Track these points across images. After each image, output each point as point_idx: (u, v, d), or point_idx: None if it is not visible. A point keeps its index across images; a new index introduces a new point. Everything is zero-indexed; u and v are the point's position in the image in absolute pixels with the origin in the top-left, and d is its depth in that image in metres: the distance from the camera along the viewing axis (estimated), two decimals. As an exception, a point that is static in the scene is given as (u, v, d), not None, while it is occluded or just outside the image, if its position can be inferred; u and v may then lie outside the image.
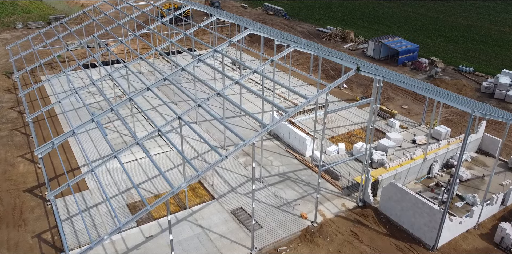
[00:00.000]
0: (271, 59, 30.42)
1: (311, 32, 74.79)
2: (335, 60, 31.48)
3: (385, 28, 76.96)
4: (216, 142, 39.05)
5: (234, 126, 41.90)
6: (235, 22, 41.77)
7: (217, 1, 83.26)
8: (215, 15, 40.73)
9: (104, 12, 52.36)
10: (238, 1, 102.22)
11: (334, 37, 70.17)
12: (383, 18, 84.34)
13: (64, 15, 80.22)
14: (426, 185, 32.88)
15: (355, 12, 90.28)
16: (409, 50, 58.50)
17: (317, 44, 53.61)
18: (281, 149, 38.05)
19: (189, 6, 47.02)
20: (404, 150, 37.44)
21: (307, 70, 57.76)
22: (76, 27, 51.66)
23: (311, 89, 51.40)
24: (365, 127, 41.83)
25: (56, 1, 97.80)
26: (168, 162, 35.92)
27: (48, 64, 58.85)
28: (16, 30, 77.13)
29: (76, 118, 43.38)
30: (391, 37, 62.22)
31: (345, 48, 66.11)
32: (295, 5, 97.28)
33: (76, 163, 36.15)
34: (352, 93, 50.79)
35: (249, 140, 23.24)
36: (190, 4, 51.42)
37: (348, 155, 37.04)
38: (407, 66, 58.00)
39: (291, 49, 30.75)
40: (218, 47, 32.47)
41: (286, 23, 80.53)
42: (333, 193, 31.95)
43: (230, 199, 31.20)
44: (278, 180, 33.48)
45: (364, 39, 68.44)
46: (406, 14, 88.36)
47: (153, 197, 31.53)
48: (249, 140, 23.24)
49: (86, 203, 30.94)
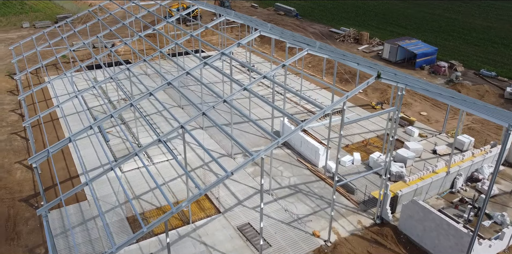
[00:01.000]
0: (283, 64, 28.15)
1: (324, 33, 72.32)
2: (351, 65, 29.15)
3: (400, 30, 74.15)
4: (224, 149, 36.91)
5: (243, 132, 39.71)
6: (244, 22, 39.61)
7: (227, 1, 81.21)
8: (223, 16, 38.61)
9: (110, 12, 50.55)
10: (248, 1, 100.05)
11: (347, 38, 67.62)
12: (398, 19, 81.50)
13: (71, 14, 78.81)
14: (449, 200, 30.35)
15: (369, 12, 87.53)
16: (427, 53, 55.77)
17: (331, 47, 51.22)
18: (292, 158, 35.78)
19: (197, 5, 44.94)
20: (424, 161, 34.90)
21: (320, 73, 55.39)
22: (80, 27, 49.94)
23: (324, 93, 48.99)
24: (382, 135, 39.35)
25: (64, 1, 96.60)
26: (171, 171, 33.88)
27: (53, 65, 57.33)
28: (23, 29, 75.88)
29: (78, 122, 41.58)
30: (408, 39, 59.50)
31: (359, 50, 63.52)
32: (307, 5, 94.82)
33: (75, 170, 34.27)
34: (367, 98, 48.29)
35: (258, 154, 21.04)
36: (198, 3, 49.38)
37: (364, 165, 34.63)
38: (425, 70, 55.28)
39: (305, 53, 28.48)
40: (226, 50, 30.31)
41: (298, 23, 78.15)
42: (348, 208, 29.58)
43: (237, 213, 29.01)
44: (288, 193, 31.20)
45: (379, 41, 65.78)
46: (422, 15, 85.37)
47: (155, 209, 29.49)
48: (257, 154, 21.03)
49: (84, 215, 29.00)
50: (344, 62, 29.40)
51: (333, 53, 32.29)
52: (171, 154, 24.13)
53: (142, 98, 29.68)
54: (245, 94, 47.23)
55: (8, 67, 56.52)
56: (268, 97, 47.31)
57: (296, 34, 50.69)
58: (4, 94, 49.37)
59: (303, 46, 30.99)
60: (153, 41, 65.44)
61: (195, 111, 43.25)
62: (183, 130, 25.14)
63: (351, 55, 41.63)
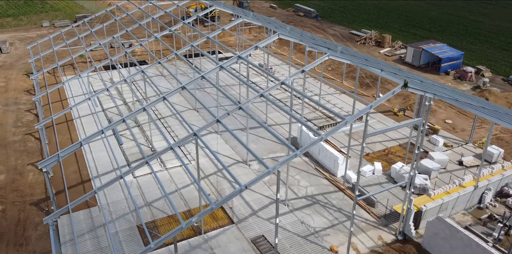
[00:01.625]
0: (302, 70, 26.81)
1: (344, 35, 70.55)
2: (375, 71, 27.63)
3: (424, 33, 71.81)
4: (238, 155, 35.75)
5: (258, 138, 38.49)
6: (262, 24, 38.37)
7: (246, 1, 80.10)
8: (241, 17, 37.46)
9: (127, 12, 50.00)
10: (267, 2, 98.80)
11: (369, 41, 65.72)
12: (421, 22, 79.05)
13: (90, 14, 78.89)
14: (477, 217, 28.53)
15: (391, 14, 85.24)
16: (453, 58, 53.56)
17: (352, 50, 49.61)
18: (309, 166, 34.39)
19: (215, 6, 43.91)
20: (450, 172, 33.07)
21: (339, 77, 53.76)
22: (98, 27, 49.50)
23: (344, 98, 47.34)
24: (404, 144, 37.62)
25: (84, 0, 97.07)
26: (185, 177, 32.88)
27: (70, 64, 57.14)
28: (43, 28, 76.28)
29: (92, 124, 41.01)
30: (433, 42, 57.34)
31: (381, 53, 61.60)
32: (327, 6, 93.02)
33: (88, 174, 33.59)
34: (389, 103, 46.50)
35: (274, 168, 19.79)
36: (216, 4, 48.38)
37: (385, 176, 33.01)
38: (450, 75, 53.09)
39: (325, 58, 27.08)
40: (243, 53, 29.13)
41: (318, 25, 76.53)
42: (368, 222, 28.06)
43: (251, 224, 27.81)
44: (305, 204, 29.84)
45: (402, 44, 63.71)
46: (447, 18, 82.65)
47: (166, 217, 28.52)
48: (273, 168, 19.79)
49: (94, 221, 28.23)
50: (367, 68, 27.91)
51: (355, 58, 30.81)
52: (181, 162, 23.09)
53: (156, 103, 28.77)
54: (262, 98, 46.02)
55: (26, 66, 56.58)
56: (286, 101, 46.01)
57: (316, 37, 49.23)
58: (21, 94, 49.30)
59: (324, 50, 29.62)
60: (170, 41, 64.84)
61: (210, 116, 42.28)
62: (196, 138, 24.03)
63: (373, 59, 40.01)
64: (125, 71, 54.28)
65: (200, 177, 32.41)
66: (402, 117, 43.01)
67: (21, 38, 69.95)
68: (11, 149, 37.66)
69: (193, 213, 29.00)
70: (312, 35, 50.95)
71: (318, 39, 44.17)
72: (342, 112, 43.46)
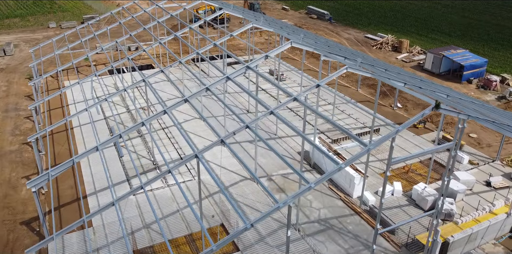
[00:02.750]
0: (317, 84, 24.20)
1: (359, 40, 67.64)
2: (397, 85, 24.92)
3: (444, 37, 68.56)
4: (246, 171, 33.25)
5: (268, 151, 35.92)
6: (274, 30, 35.79)
7: (257, 3, 77.58)
8: (251, 22, 34.96)
9: (132, 15, 47.83)
10: (279, 3, 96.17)
11: (385, 46, 62.75)
12: (441, 26, 75.71)
13: (98, 15, 77.09)
14: (510, 248, 25.62)
15: (408, 17, 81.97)
16: (476, 65, 50.40)
17: (369, 57, 46.86)
18: (322, 185, 31.73)
19: (224, 10, 41.46)
20: (477, 195, 30.15)
21: (354, 84, 50.93)
22: (101, 30, 47.39)
23: (361, 108, 44.47)
24: (426, 161, 34.76)
25: (92, 0, 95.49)
26: (187, 195, 30.46)
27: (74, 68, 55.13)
28: (49, 29, 74.70)
29: (92, 133, 38.77)
30: (454, 48, 54.20)
31: (398, 59, 58.61)
32: (341, 8, 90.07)
33: (85, 189, 31.39)
34: (408, 114, 43.60)
35: (285, 202, 17.22)
36: (226, 6, 45.93)
37: (406, 197, 30.21)
38: (473, 83, 49.95)
39: (344, 71, 24.42)
40: (252, 63, 26.62)
41: (331, 28, 73.71)
42: (388, 252, 25.33)
43: (258, 252, 25.27)
44: (318, 229, 27.21)
45: (420, 50, 60.62)
46: (467, 21, 79.15)
47: (164, 243, 26.08)
48: (283, 202, 17.23)
49: (86, 245, 25.93)
50: (389, 82, 25.21)
51: (375, 69, 28.11)
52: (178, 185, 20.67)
53: (156, 117, 26.42)
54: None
55: (29, 69, 54.73)
56: (298, 111, 43.39)
57: (330, 42, 46.55)
58: (22, 99, 47.45)
59: (340, 60, 27.04)
60: (178, 44, 62.63)
61: (218, 126, 39.85)
62: (198, 160, 21.60)
63: (393, 68, 37.20)
64: (129, 76, 52.21)
65: (204, 195, 30.01)
66: (423, 130, 40.09)
67: (26, 40, 68.37)
68: (7, 159, 35.66)
69: (195, 237, 26.60)
70: (327, 40, 48.26)
71: (333, 45, 41.49)
72: (358, 124, 40.71)
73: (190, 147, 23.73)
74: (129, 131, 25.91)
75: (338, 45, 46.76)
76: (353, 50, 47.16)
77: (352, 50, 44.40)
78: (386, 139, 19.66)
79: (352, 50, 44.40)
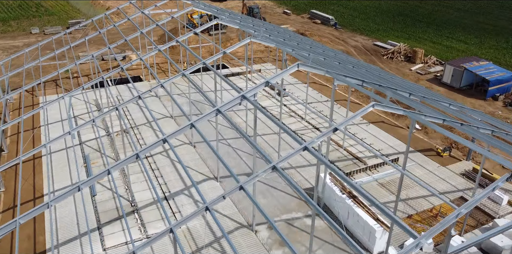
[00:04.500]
0: (334, 128, 18.60)
1: (368, 48, 62.10)
2: (435, 127, 19.46)
3: (459, 45, 63.00)
4: (242, 215, 27.64)
5: (269, 188, 30.30)
6: (276, 45, 30.20)
7: (256, 7, 71.99)
8: (249, 37, 29.38)
9: (114, 24, 42.24)
10: (280, 7, 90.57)
11: (397, 55, 57.20)
12: (454, 32, 70.14)
13: (84, 19, 71.55)
14: None
15: (419, 23, 76.39)
16: (503, 80, 44.89)
17: (396, 77, 41.35)
18: (335, 236, 26.12)
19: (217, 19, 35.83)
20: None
21: (365, 100, 45.36)
22: (78, 41, 41.83)
23: (373, 129, 38.88)
24: (457, 200, 29.17)
25: (82, 2, 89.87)
26: (170, 248, 24.85)
27: (53, 81, 49.50)
28: (31, 35, 69.14)
29: (64, 163, 33.20)
30: (476, 60, 48.67)
31: (413, 71, 53.08)
32: (346, 13, 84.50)
33: (44, 240, 25.77)
34: (428, 138, 38.05)
35: None
36: (220, 13, 40.35)
37: (437, 253, 24.63)
38: (499, 100, 44.42)
39: (370, 109, 18.82)
40: (248, 92, 21.08)
41: (337, 35, 68.14)
42: None
43: None
44: (331, 301, 21.63)
45: (436, 60, 55.10)
46: (483, 27, 73.59)
47: None
48: None
49: None
50: (425, 123, 19.67)
51: (411, 102, 22.56)
52: None
53: (126, 163, 20.81)
54: (274, 129, 37.75)
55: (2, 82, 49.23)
56: (302, 134, 37.80)
57: (341, 55, 41.00)
58: (-11, 118, 41.79)
59: (359, 89, 21.54)
60: (171, 52, 57.09)
61: (209, 161, 34.20)
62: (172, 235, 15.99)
63: (417, 89, 31.65)
64: (114, 91, 46.67)
65: (191, 250, 24.43)
66: (448, 159, 34.50)
67: (5, 48, 62.79)
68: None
69: None
70: (335, 53, 42.71)
71: (344, 60, 35.97)
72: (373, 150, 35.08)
73: (201, 198, 18.08)
74: (120, 165, 20.30)
75: (349, 58, 41.22)
76: (385, 74, 41.61)
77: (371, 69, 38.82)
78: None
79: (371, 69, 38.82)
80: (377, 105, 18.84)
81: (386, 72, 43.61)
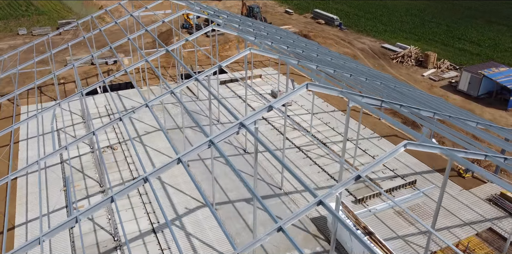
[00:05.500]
0: (357, 175, 15.02)
1: (375, 50, 58.36)
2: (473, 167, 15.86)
3: (473, 48, 59.22)
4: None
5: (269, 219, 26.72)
6: (280, 58, 26.45)
7: (257, 7, 68.12)
8: (249, 48, 25.64)
9: (99, 28, 38.54)
10: (282, 6, 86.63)
11: (407, 59, 53.47)
12: (467, 33, 66.26)
13: (75, 20, 67.73)
14: None
15: (429, 23, 72.46)
16: (525, 88, 41.25)
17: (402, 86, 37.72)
18: (346, 278, 22.63)
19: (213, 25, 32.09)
20: None
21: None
22: (61, 47, 38.13)
23: (384, 143, 35.28)
24: (485, 231, 25.61)
25: (74, 1, 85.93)
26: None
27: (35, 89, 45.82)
28: (18, 37, 65.38)
29: (42, 186, 29.62)
30: (495, 66, 45.00)
31: (425, 77, 49.37)
32: (351, 12, 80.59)
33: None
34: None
35: None
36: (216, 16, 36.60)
37: (468, 301, 21.12)
38: (522, 111, 40.84)
39: (402, 150, 15.19)
40: (247, 119, 17.45)
41: (342, 36, 64.36)
42: None
43: None
44: None
45: (450, 65, 51.40)
46: (496, 28, 69.62)
47: None
48: None
49: None
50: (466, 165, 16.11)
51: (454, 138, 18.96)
52: None
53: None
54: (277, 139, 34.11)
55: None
56: (308, 150, 34.19)
57: (352, 63, 37.33)
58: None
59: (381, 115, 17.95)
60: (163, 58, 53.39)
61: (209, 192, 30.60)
62: None
63: (454, 110, 28.02)
64: (102, 99, 43.13)
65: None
66: (471, 181, 30.92)
67: (-11, 50, 59.04)
68: None
69: None
70: (344, 60, 39.02)
71: (356, 70, 32.33)
72: (387, 172, 31.49)
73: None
74: (125, 192, 16.74)
75: (359, 67, 37.52)
76: (386, 78, 37.91)
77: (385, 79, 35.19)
78: None
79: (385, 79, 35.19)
80: (411, 145, 15.17)
81: (401, 83, 39.94)
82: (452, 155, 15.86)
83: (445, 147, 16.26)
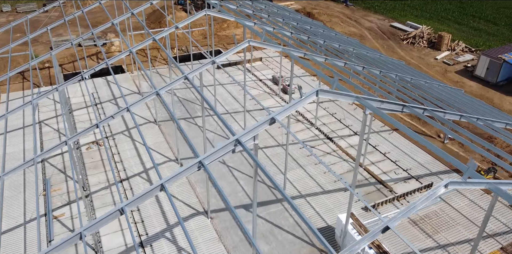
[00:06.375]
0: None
1: (384, 30, 54.31)
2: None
3: (489, 27, 55.11)
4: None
5: (273, 228, 24.11)
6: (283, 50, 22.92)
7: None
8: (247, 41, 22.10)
9: (82, 9, 34.61)
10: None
11: (418, 40, 49.56)
12: (481, 10, 61.82)
13: (61, -4, 62.98)
14: None
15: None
16: (550, 75, 37.85)
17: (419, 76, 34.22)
18: (358, 303, 20.16)
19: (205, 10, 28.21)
20: None
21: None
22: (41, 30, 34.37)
23: (396, 138, 32.31)
24: (511, 246, 23.05)
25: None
26: None
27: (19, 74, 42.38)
28: (2, 14, 61.01)
29: (20, 189, 26.93)
30: (516, 49, 41.33)
31: (439, 60, 45.71)
32: (357, -14, 75.32)
33: None
34: (464, 151, 31.53)
35: None
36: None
37: None
38: (545, 100, 37.55)
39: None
40: (243, 135, 14.36)
41: (348, 14, 60.01)
42: None
43: None
44: None
45: (465, 47, 47.60)
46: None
47: None
48: None
49: None
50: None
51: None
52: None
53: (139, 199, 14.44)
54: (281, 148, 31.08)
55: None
56: (312, 147, 31.30)
57: (362, 49, 33.71)
58: None
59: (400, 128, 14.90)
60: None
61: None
62: None
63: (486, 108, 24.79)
64: (90, 85, 39.88)
65: None
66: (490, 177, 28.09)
67: (-31, 30, 54.92)
68: None
69: None
70: (353, 46, 35.38)
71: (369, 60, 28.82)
72: (399, 172, 28.61)
73: None
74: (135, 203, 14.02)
75: (370, 53, 33.90)
76: (402, 67, 34.36)
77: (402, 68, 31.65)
78: None
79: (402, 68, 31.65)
80: (453, 184, 12.10)
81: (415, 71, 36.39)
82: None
83: (492, 180, 13.24)
